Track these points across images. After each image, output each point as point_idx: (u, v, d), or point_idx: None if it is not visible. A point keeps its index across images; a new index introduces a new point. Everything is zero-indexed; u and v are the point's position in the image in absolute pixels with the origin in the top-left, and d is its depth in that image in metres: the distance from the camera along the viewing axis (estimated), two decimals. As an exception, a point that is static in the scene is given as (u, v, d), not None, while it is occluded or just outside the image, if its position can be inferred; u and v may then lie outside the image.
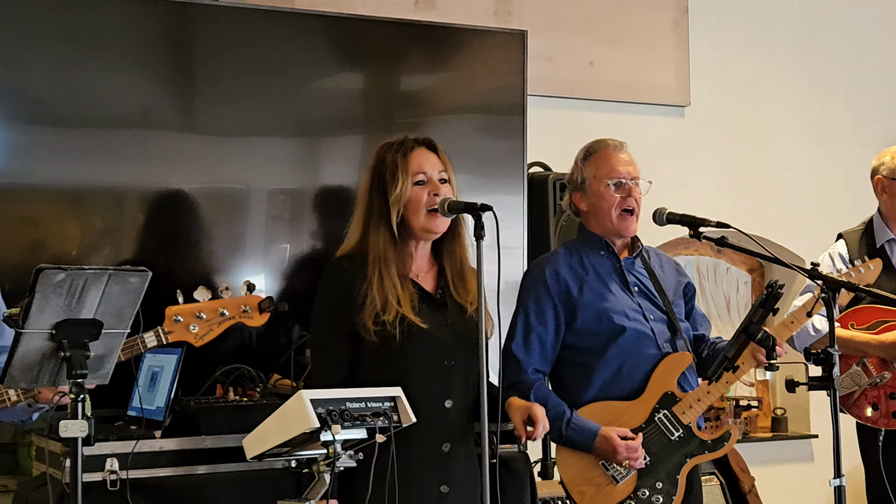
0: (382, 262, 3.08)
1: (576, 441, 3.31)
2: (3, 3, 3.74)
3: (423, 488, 3.06)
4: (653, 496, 3.31)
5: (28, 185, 3.75)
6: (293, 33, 4.17)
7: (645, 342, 3.38)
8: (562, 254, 3.49)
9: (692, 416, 3.36)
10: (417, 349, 3.07)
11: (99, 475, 3.17)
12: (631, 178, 3.41)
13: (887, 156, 4.16)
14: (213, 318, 2.97)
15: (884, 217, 4.16)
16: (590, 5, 5.16)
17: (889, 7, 5.94)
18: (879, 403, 3.98)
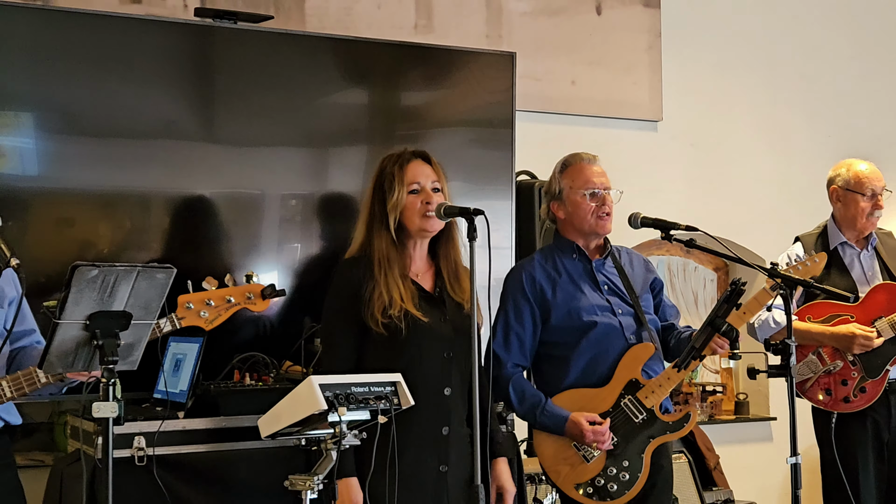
0: (386, 263, 3.09)
1: (549, 426, 3.33)
2: (45, 26, 3.75)
3: (425, 467, 3.07)
4: (620, 473, 3.31)
5: (64, 189, 3.74)
6: (304, 54, 4.16)
7: (613, 335, 3.39)
8: (537, 259, 3.50)
9: (655, 401, 3.35)
10: (420, 342, 3.08)
11: (128, 452, 3.19)
12: (604, 188, 3.42)
13: (843, 168, 4.16)
14: (221, 304, 2.97)
15: (837, 223, 4.16)
16: (572, 30, 5.15)
17: (842, 33, 5.94)
18: (832, 389, 3.99)
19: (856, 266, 4.11)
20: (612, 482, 3.31)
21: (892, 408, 4.00)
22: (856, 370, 3.95)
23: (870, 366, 3.94)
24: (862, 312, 3.98)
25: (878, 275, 4.10)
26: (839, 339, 3.94)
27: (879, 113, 6.03)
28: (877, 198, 4.07)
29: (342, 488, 2.96)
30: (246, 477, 3.33)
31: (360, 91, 4.30)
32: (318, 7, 4.59)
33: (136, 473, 3.19)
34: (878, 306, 3.98)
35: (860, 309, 3.99)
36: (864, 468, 3.98)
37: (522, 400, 3.36)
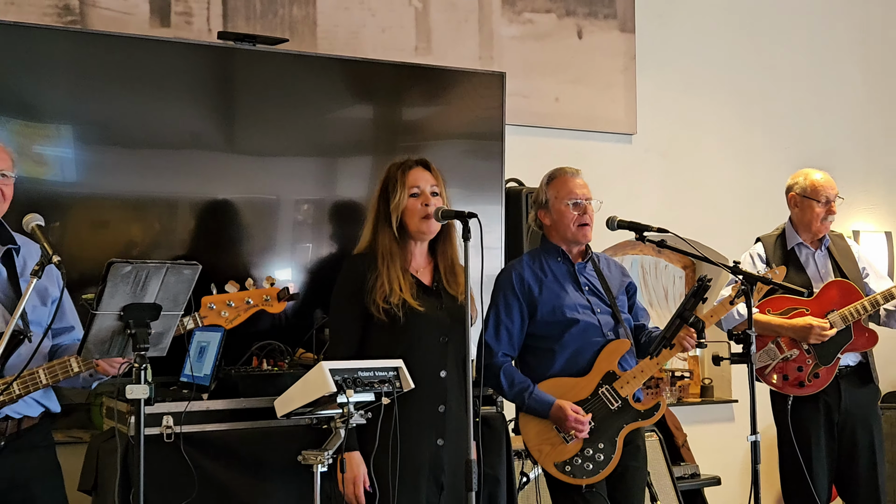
0: (389, 257, 3.12)
1: (535, 409, 3.34)
2: (84, 48, 3.76)
3: (423, 442, 3.09)
4: (596, 454, 3.33)
5: (99, 194, 3.74)
6: (316, 73, 4.17)
7: (593, 331, 3.41)
8: (526, 260, 3.52)
9: (629, 390, 3.37)
10: (418, 328, 3.10)
11: (157, 430, 3.19)
12: (585, 199, 3.44)
13: (800, 177, 4.18)
14: (241, 305, 2.98)
15: (794, 225, 4.18)
16: (556, 53, 5.16)
17: (798, 56, 5.95)
18: (789, 374, 4.00)
19: (811, 264, 4.13)
20: (588, 462, 3.32)
21: (842, 391, 4.01)
22: (810, 358, 3.97)
23: (823, 354, 3.96)
24: (816, 306, 4.00)
25: (830, 272, 4.11)
26: (796, 331, 3.96)
27: (831, 127, 6.04)
28: (830, 204, 4.08)
29: (349, 459, 3.00)
30: (263, 452, 3.32)
31: (365, 107, 4.30)
32: (329, 31, 4.59)
33: (165, 449, 3.19)
34: (830, 301, 4.00)
35: (815, 303, 4.00)
36: (817, 445, 4.00)
37: (512, 385, 3.38)
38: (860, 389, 4.06)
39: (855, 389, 4.05)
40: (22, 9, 3.96)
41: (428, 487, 3.09)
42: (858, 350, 4.03)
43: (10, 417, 2.84)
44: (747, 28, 5.81)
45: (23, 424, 2.89)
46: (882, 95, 6.23)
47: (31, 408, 2.90)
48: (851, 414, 4.03)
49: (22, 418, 2.88)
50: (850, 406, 4.02)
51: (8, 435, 2.84)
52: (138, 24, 4.18)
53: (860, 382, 4.06)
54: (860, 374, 4.07)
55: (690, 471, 5.00)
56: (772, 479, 5.41)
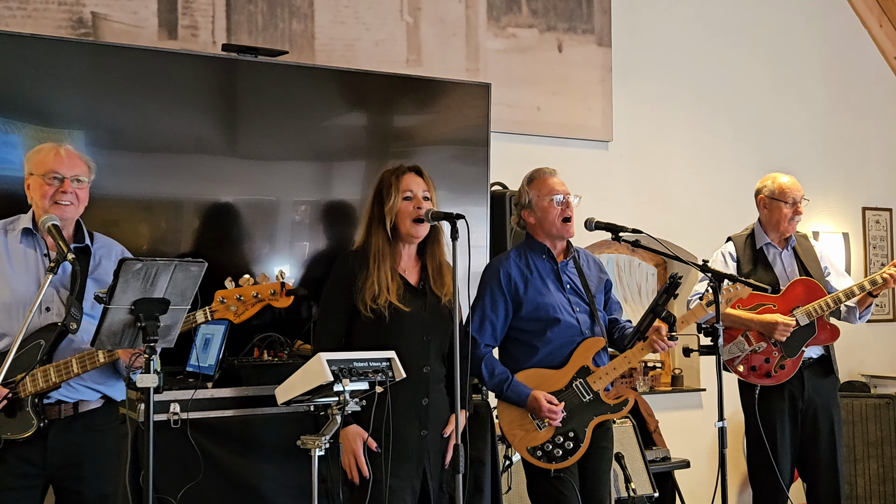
0: (380, 257, 3.12)
1: (513, 400, 3.36)
2: (96, 58, 3.75)
3: (409, 432, 3.09)
4: (566, 442, 3.34)
5: (110, 195, 3.72)
6: (313, 83, 4.16)
7: (572, 329, 3.41)
8: (513, 256, 3.50)
9: (601, 385, 3.38)
10: (402, 327, 3.10)
11: (165, 416, 3.19)
12: (566, 194, 3.45)
13: (769, 180, 4.18)
14: (249, 300, 2.98)
15: (763, 226, 4.19)
16: (537, 65, 5.17)
17: (762, 69, 5.99)
18: (756, 366, 4.01)
19: (778, 263, 4.13)
20: (558, 448, 3.33)
21: (805, 382, 4.02)
22: (776, 350, 3.97)
23: (788, 347, 3.96)
24: (783, 302, 4.01)
25: (796, 271, 4.12)
26: (764, 326, 3.96)
27: (793, 136, 6.08)
28: (797, 205, 4.09)
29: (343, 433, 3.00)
30: (264, 437, 3.34)
31: (359, 114, 4.30)
32: (326, 44, 4.59)
33: (172, 434, 3.19)
34: (796, 297, 4.01)
35: (781, 299, 4.01)
36: (782, 431, 4.01)
37: (492, 376, 3.39)
38: (822, 380, 4.08)
39: (817, 379, 4.06)
40: (38, 22, 3.96)
41: (414, 474, 3.09)
42: (821, 343, 4.05)
43: (63, 401, 2.89)
44: (715, 43, 5.84)
45: (79, 408, 2.94)
46: (839, 107, 6.28)
47: (86, 394, 2.95)
48: (814, 402, 4.04)
49: (77, 402, 2.93)
50: (812, 395, 4.04)
51: (63, 418, 2.89)
52: (147, 36, 4.18)
53: (822, 373, 4.08)
54: (822, 365, 4.08)
55: (662, 454, 5.02)
56: (737, 462, 5.45)
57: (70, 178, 2.93)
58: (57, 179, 2.91)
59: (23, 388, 2.80)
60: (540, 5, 5.19)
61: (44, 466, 2.87)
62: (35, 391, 2.82)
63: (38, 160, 2.94)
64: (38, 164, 2.93)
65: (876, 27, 6.40)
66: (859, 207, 6.33)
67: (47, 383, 2.82)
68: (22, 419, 2.81)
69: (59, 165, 2.91)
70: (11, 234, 2.95)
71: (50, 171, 2.90)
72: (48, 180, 2.90)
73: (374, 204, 3.20)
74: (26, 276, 2.90)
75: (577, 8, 5.29)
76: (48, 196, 2.89)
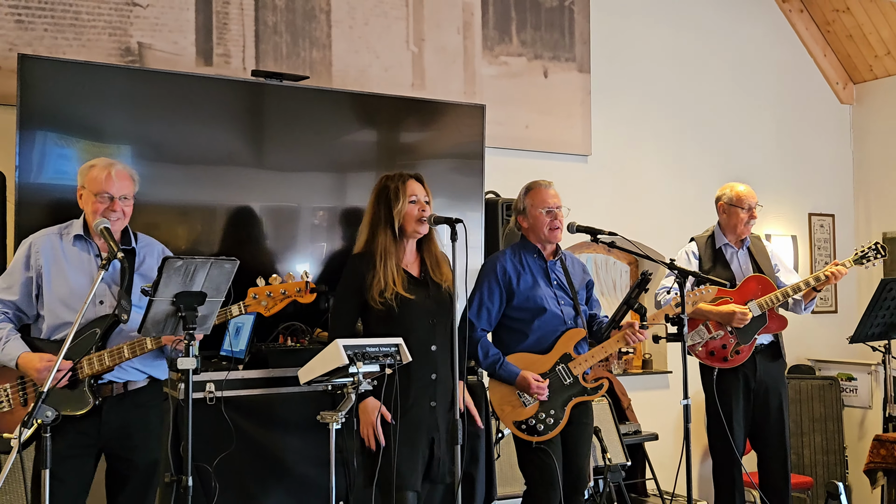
0: (386, 255, 3.12)
1: (504, 378, 3.36)
2: (140, 82, 3.77)
3: (419, 404, 3.10)
4: (547, 418, 3.35)
5: (152, 202, 3.73)
6: (331, 104, 4.17)
7: (556, 319, 3.42)
8: (508, 254, 3.51)
9: (580, 370, 3.39)
10: (410, 314, 3.11)
11: (202, 394, 3.22)
12: (556, 207, 3.46)
13: (727, 189, 4.19)
14: (277, 296, 2.99)
15: (722, 228, 4.19)
16: (526, 89, 5.18)
17: (725, 90, 5.99)
18: (715, 351, 4.02)
19: (734, 261, 4.14)
20: (540, 423, 3.34)
21: (757, 365, 4.03)
22: (733, 338, 3.99)
23: (743, 334, 3.98)
24: (739, 295, 4.02)
25: (750, 268, 4.13)
26: (722, 316, 3.97)
27: (750, 150, 6.08)
28: (752, 210, 4.10)
29: (362, 406, 3.01)
30: (288, 413, 3.35)
31: (370, 131, 4.31)
32: (342, 70, 4.60)
33: (208, 410, 3.21)
34: (751, 291, 4.02)
35: (737, 293, 4.02)
36: (736, 408, 4.02)
37: (486, 356, 3.39)
38: (772, 363, 4.09)
39: (768, 363, 4.07)
40: (91, 50, 3.97)
41: (424, 441, 3.10)
42: (772, 332, 4.06)
43: (114, 382, 2.92)
44: (682, 70, 5.84)
45: (129, 387, 2.96)
46: (790, 125, 6.29)
47: (134, 375, 2.97)
48: (764, 383, 4.06)
49: (126, 382, 2.95)
50: (763, 376, 4.05)
51: (115, 395, 2.91)
52: (186, 63, 4.18)
53: (772, 357, 4.09)
54: (772, 350, 4.09)
55: (633, 428, 5.04)
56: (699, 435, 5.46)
57: (119, 198, 2.95)
58: (107, 198, 2.93)
59: (80, 370, 2.82)
60: (528, 37, 5.20)
61: (98, 438, 2.89)
62: (91, 373, 2.84)
63: (91, 177, 2.95)
64: (91, 182, 2.95)
65: (821, 56, 6.42)
66: (806, 213, 6.35)
67: (102, 366, 2.84)
68: (79, 397, 2.83)
69: (109, 187, 2.93)
70: (66, 237, 2.98)
71: (102, 192, 2.93)
72: (100, 199, 2.92)
73: (380, 207, 3.18)
74: (81, 274, 2.93)
75: (560, 39, 5.30)
76: (99, 212, 2.92)
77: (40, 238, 2.97)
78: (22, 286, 2.91)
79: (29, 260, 2.92)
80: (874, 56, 6.29)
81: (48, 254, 2.92)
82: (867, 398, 5.90)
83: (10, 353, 2.82)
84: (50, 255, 2.92)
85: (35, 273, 2.91)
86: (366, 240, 3.18)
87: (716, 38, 5.97)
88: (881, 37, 6.16)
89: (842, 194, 6.49)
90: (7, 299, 2.91)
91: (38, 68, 3.52)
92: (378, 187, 3.23)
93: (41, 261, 2.91)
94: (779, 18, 6.28)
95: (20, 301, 2.91)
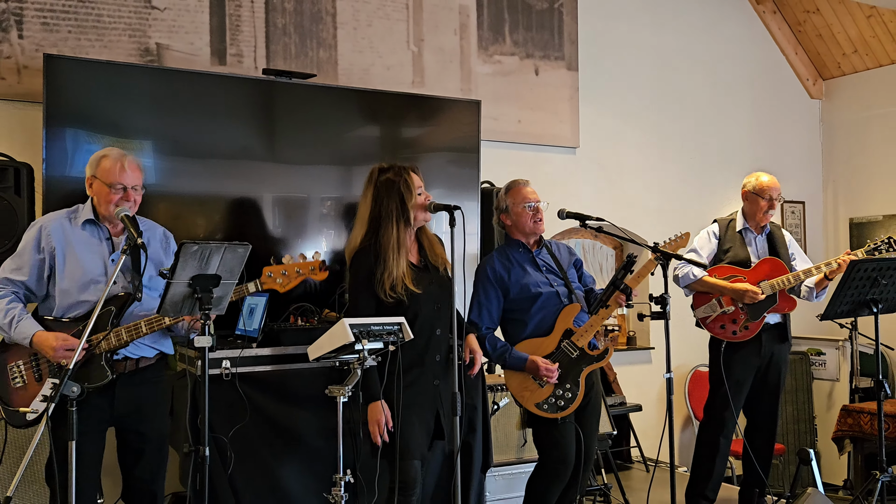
0: (397, 248, 3.01)
1: (514, 365, 3.31)
2: (160, 80, 3.73)
3: (424, 381, 3.06)
4: (565, 393, 3.31)
5: (172, 193, 3.72)
6: (336, 100, 4.14)
7: (552, 299, 3.37)
8: (496, 256, 3.46)
9: (584, 342, 3.34)
10: (418, 304, 3.04)
11: (218, 370, 3.18)
12: (536, 202, 3.41)
13: (753, 178, 4.08)
14: (292, 274, 2.98)
15: (744, 214, 4.09)
16: (518, 86, 5.14)
17: (703, 88, 5.96)
18: (725, 325, 3.95)
19: (753, 245, 4.05)
20: (560, 399, 3.30)
21: (763, 342, 3.94)
22: (743, 314, 3.90)
23: (753, 312, 3.90)
24: (752, 276, 3.94)
25: (767, 252, 4.04)
26: (735, 292, 3.89)
27: (726, 144, 6.05)
28: (773, 201, 4.01)
29: (371, 409, 2.94)
30: (299, 387, 3.33)
31: (373, 126, 4.28)
32: (347, 69, 4.56)
33: (224, 385, 3.19)
34: (763, 272, 3.94)
35: (751, 273, 3.95)
36: (738, 380, 3.94)
37: (494, 349, 3.33)
38: (778, 343, 4.00)
39: (774, 342, 3.99)
40: (113, 51, 3.93)
41: (430, 415, 3.08)
42: (780, 312, 3.97)
43: (129, 357, 2.88)
44: (664, 68, 5.81)
45: (140, 363, 2.92)
46: (764, 118, 6.25)
47: (146, 351, 2.93)
48: (768, 359, 3.98)
49: (139, 358, 2.91)
50: (768, 354, 3.97)
51: (127, 372, 2.88)
52: (201, 62, 4.14)
53: (778, 338, 4.00)
54: (779, 330, 4.00)
55: (619, 400, 5.03)
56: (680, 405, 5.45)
57: (131, 188, 2.90)
58: (121, 189, 2.87)
59: (97, 346, 2.79)
60: (520, 37, 5.15)
61: (111, 412, 2.86)
62: (108, 348, 2.80)
63: (104, 169, 2.88)
64: (105, 173, 2.87)
65: (792, 54, 6.38)
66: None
67: (119, 341, 2.80)
68: (98, 371, 2.79)
69: (123, 178, 2.87)
70: (75, 221, 2.91)
71: (116, 183, 2.86)
72: (115, 190, 2.86)
73: (391, 201, 3.04)
74: (93, 256, 2.87)
75: (550, 39, 5.26)
76: (113, 202, 2.86)
77: (51, 221, 2.90)
78: (33, 267, 2.84)
79: (40, 242, 2.86)
80: (842, 54, 6.25)
81: (60, 237, 2.86)
82: (835, 371, 5.89)
83: (25, 331, 2.76)
84: (62, 237, 2.86)
85: (47, 255, 2.84)
86: (365, 234, 3.06)
87: (695, 38, 5.94)
88: (849, 36, 6.11)
89: (812, 183, 6.47)
90: (18, 280, 2.84)
91: (62, 68, 3.48)
92: (379, 181, 3.09)
93: (53, 243, 2.85)
94: (753, 19, 6.23)
95: (30, 282, 2.85)
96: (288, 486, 3.27)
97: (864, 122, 6.26)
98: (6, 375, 2.82)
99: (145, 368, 2.94)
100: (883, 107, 6.14)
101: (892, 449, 4.48)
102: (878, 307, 3.81)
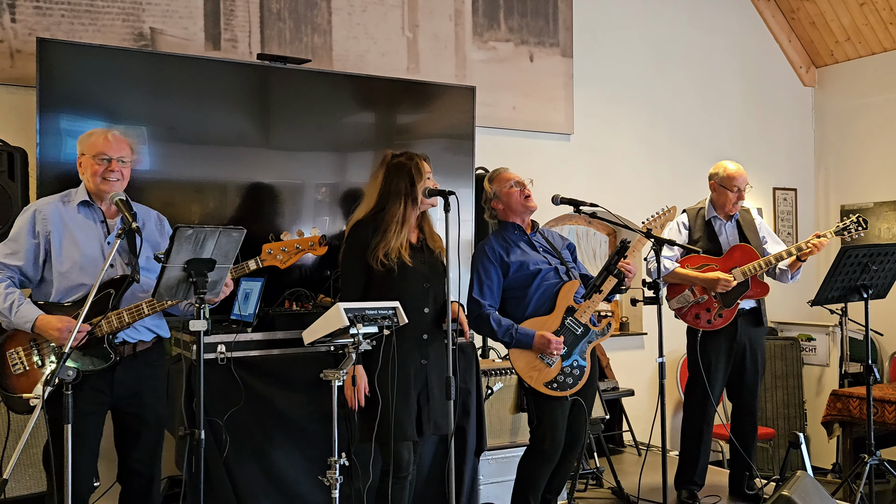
0: (404, 222, 3.07)
1: (521, 342, 3.27)
2: (154, 65, 3.69)
3: (412, 361, 3.07)
4: (573, 370, 3.31)
5: (168, 179, 3.70)
6: (332, 86, 4.11)
7: (551, 276, 3.37)
8: (493, 237, 3.47)
9: (586, 318, 3.34)
10: (407, 277, 3.06)
11: (213, 355, 3.18)
12: (519, 179, 3.44)
13: (720, 168, 4.06)
14: (292, 250, 2.96)
15: (713, 203, 4.09)
16: (513, 73, 5.12)
17: (692, 78, 5.94)
18: (700, 314, 3.96)
19: (723, 233, 4.04)
20: (568, 377, 3.30)
21: (738, 328, 3.95)
22: (717, 302, 3.91)
23: (726, 300, 3.90)
24: (724, 263, 3.94)
25: (737, 239, 4.04)
26: (707, 282, 3.90)
27: (717, 131, 6.05)
28: (741, 192, 4.00)
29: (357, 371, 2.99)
30: (294, 371, 3.32)
31: (368, 112, 4.25)
32: (342, 54, 4.53)
33: (219, 370, 3.18)
34: (735, 260, 3.94)
35: (723, 261, 3.95)
36: (717, 368, 3.94)
37: (500, 326, 3.29)
38: (753, 328, 4.01)
39: (750, 327, 3.99)
40: (106, 35, 3.88)
41: (417, 395, 3.08)
42: (754, 297, 3.98)
43: (127, 341, 2.86)
44: (656, 56, 5.79)
45: (138, 347, 2.90)
46: (756, 106, 6.25)
47: (144, 334, 2.92)
48: (745, 344, 3.98)
49: (137, 342, 2.90)
50: (744, 339, 3.97)
51: (126, 356, 2.86)
52: (196, 47, 4.10)
53: (754, 322, 4.01)
54: (754, 315, 4.01)
55: (612, 385, 5.04)
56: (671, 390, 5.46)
57: (116, 159, 2.86)
58: (105, 160, 2.84)
59: (98, 328, 2.77)
60: (515, 24, 5.12)
61: (111, 395, 2.84)
62: (110, 330, 2.78)
63: (90, 143, 2.86)
64: (90, 147, 2.86)
65: (786, 42, 6.36)
66: (770, 188, 6.32)
67: (121, 323, 2.78)
68: (100, 353, 2.78)
69: (107, 148, 2.84)
70: (69, 205, 2.88)
71: (100, 153, 2.83)
72: (98, 161, 2.83)
73: (401, 181, 3.09)
74: (89, 238, 2.85)
75: (545, 26, 5.23)
76: (98, 174, 2.83)
77: (45, 206, 2.87)
78: (28, 252, 2.81)
79: (35, 227, 2.82)
80: (835, 42, 6.23)
81: (56, 220, 2.83)
82: (825, 357, 5.91)
83: (27, 315, 2.73)
84: (58, 221, 2.83)
85: (42, 239, 2.81)
86: (372, 208, 3.11)
87: (689, 25, 5.92)
88: (842, 24, 6.10)
89: (803, 170, 6.47)
90: (13, 264, 2.80)
91: (56, 52, 3.44)
92: (392, 163, 3.14)
93: (49, 227, 2.81)
94: (747, 7, 6.22)
95: (26, 266, 2.81)
96: (283, 469, 3.26)
97: (857, 110, 6.25)
98: (6, 362, 2.80)
99: (144, 352, 2.92)
100: (875, 95, 6.13)
101: (880, 433, 4.50)
102: (868, 293, 3.82)
